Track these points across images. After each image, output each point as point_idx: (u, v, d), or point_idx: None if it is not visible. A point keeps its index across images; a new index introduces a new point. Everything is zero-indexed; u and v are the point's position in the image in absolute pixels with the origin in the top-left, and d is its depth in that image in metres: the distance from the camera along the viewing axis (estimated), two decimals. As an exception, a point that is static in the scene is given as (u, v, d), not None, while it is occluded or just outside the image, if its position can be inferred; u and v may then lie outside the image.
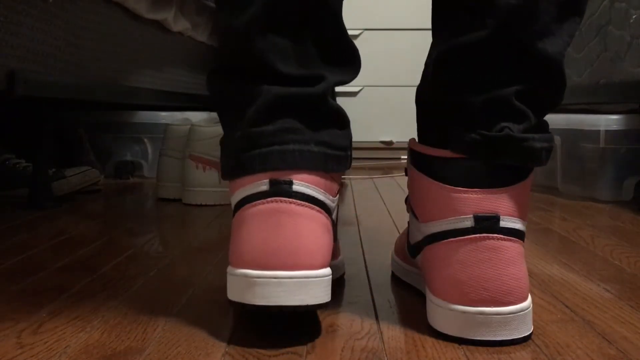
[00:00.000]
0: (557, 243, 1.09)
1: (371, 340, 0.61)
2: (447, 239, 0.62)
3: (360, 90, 3.14)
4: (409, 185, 0.72)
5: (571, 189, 1.75)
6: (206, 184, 1.48)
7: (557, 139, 1.81)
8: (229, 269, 0.62)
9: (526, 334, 0.61)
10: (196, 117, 2.11)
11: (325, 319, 0.67)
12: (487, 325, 0.60)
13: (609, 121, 1.61)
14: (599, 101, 1.74)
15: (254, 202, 0.60)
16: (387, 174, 2.32)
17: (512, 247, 0.61)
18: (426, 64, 0.70)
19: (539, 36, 0.62)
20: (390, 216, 1.35)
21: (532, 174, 0.65)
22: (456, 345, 0.60)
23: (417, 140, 0.73)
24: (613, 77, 1.65)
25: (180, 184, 1.55)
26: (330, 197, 0.63)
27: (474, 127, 0.63)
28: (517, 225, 0.61)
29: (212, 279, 0.84)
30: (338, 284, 0.81)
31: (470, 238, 0.61)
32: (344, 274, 0.85)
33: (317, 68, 0.63)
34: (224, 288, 0.78)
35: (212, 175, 1.49)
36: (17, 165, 1.57)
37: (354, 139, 0.70)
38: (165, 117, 2.11)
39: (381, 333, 0.63)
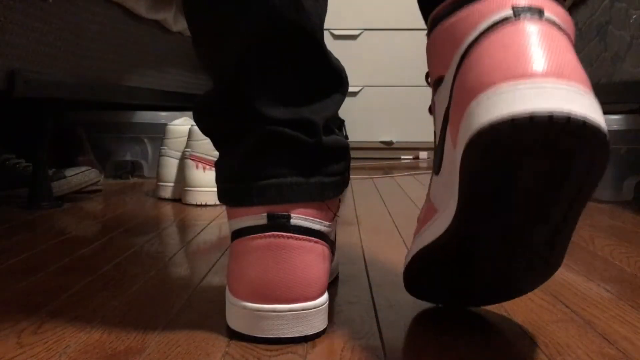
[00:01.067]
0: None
1: (371, 339, 0.61)
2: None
3: (361, 90, 3.14)
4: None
5: None
6: (206, 184, 1.49)
7: None
8: (229, 297, 0.63)
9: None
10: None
11: (325, 319, 0.68)
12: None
13: (609, 121, 1.61)
14: (600, 101, 1.73)
15: (253, 235, 0.61)
16: (387, 174, 2.32)
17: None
18: None
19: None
20: (390, 216, 1.35)
21: None
22: (454, 346, 0.60)
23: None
24: (613, 77, 1.65)
25: (179, 184, 1.56)
26: (326, 223, 0.64)
27: None
28: None
29: (212, 278, 0.84)
30: (335, 284, 0.81)
31: None
32: (337, 275, 0.86)
33: (305, 110, 0.63)
34: (223, 288, 0.79)
35: (212, 175, 1.48)
36: (17, 165, 1.57)
37: (354, 139, 0.70)
38: (165, 117, 2.11)
39: (381, 333, 0.63)
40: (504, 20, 0.51)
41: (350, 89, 3.11)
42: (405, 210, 1.41)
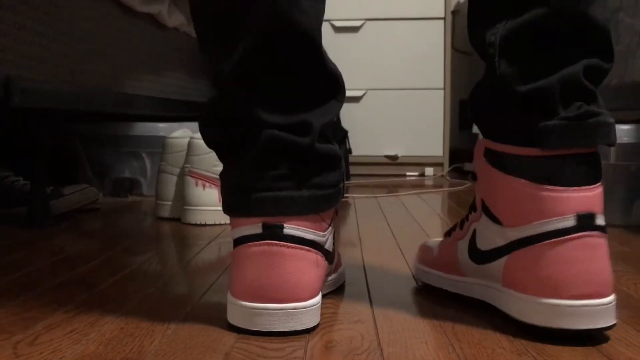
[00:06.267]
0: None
1: (371, 356, 0.62)
2: (545, 240, 0.65)
3: (364, 94, 2.98)
4: (487, 189, 0.72)
5: None
6: (206, 202, 1.48)
7: None
8: (230, 297, 0.70)
9: (609, 324, 0.66)
10: (195, 128, 2.08)
11: (324, 335, 0.68)
12: (580, 315, 0.65)
13: (621, 132, 1.44)
14: (611, 107, 1.63)
15: (249, 243, 0.68)
16: (391, 193, 2.31)
17: (605, 243, 0.66)
18: (482, 55, 0.70)
19: (587, 3, 0.62)
20: (394, 237, 1.35)
21: None
22: (457, 362, 0.60)
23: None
24: (624, 77, 1.50)
25: (179, 202, 1.55)
26: (320, 233, 0.70)
27: (553, 113, 0.64)
28: (604, 222, 0.66)
29: (210, 297, 0.84)
30: (338, 300, 0.82)
31: (572, 237, 0.64)
32: (344, 282, 0.91)
33: (303, 113, 0.68)
34: (222, 306, 0.79)
35: (212, 194, 1.48)
36: (16, 183, 1.58)
37: (357, 153, 0.74)
38: (163, 128, 2.09)
39: (381, 349, 0.64)
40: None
41: (353, 94, 2.95)
42: (409, 232, 1.41)
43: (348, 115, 2.94)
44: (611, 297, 0.66)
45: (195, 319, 0.73)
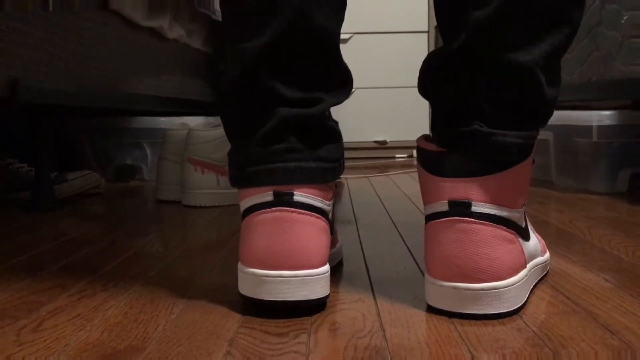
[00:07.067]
0: (555, 235, 1.07)
1: (374, 338, 0.59)
2: (430, 221, 0.67)
3: (353, 92, 3.12)
4: None
5: (566, 182, 1.73)
6: (205, 185, 1.46)
7: (549, 135, 1.79)
8: (240, 266, 0.67)
9: (501, 311, 0.64)
10: (193, 121, 2.10)
11: (327, 317, 0.65)
12: (459, 298, 0.64)
13: (602, 117, 1.60)
14: (590, 98, 1.74)
15: (261, 211, 0.66)
16: (382, 173, 2.29)
17: (485, 229, 0.64)
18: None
19: (510, 47, 0.64)
20: (388, 213, 1.32)
21: (523, 167, 0.67)
22: (460, 341, 0.58)
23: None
24: (605, 76, 1.64)
25: (179, 187, 1.53)
26: (327, 202, 0.69)
27: (452, 124, 0.67)
28: (493, 211, 0.65)
29: (212, 278, 0.81)
30: (337, 278, 0.79)
31: (445, 220, 0.65)
32: (342, 259, 0.90)
33: (317, 92, 0.69)
34: (224, 288, 0.76)
35: (210, 178, 1.46)
36: (20, 170, 1.55)
37: (349, 140, 0.74)
38: (163, 122, 2.11)
39: (384, 330, 0.61)
40: None
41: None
42: (402, 207, 1.39)
43: (338, 109, 3.03)
44: (483, 285, 0.64)
45: (198, 302, 0.70)
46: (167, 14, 1.93)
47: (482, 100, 0.66)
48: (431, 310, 0.67)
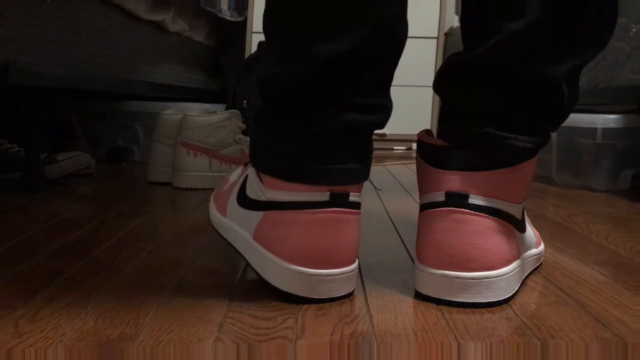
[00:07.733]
0: (551, 228, 1.08)
1: (361, 323, 0.60)
2: (425, 210, 0.69)
3: None
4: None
5: (566, 179, 1.73)
6: (196, 168, 1.47)
7: (552, 134, 1.79)
8: (279, 261, 0.67)
9: (491, 300, 0.65)
10: (185, 107, 2.09)
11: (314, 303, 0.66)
12: (449, 286, 0.66)
13: (607, 120, 1.63)
14: (597, 102, 1.77)
15: (315, 210, 0.66)
16: (379, 163, 2.31)
17: (480, 221, 0.65)
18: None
19: (540, 60, 0.65)
20: (382, 202, 1.34)
21: (528, 164, 0.68)
22: (447, 329, 0.59)
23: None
24: (612, 82, 1.67)
25: (170, 168, 1.54)
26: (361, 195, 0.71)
27: (464, 123, 0.68)
28: (490, 203, 0.66)
29: (202, 260, 0.82)
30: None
31: (441, 210, 0.66)
32: None
33: (382, 98, 0.69)
34: (213, 270, 0.77)
35: (203, 161, 1.47)
36: (10, 150, 1.54)
37: None
38: (157, 106, 2.10)
39: (371, 316, 0.62)
40: None
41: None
42: (396, 197, 1.40)
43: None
44: (475, 274, 0.65)
45: (189, 285, 0.71)
46: (170, 9, 1.92)
47: (500, 104, 0.67)
48: (419, 297, 0.68)
